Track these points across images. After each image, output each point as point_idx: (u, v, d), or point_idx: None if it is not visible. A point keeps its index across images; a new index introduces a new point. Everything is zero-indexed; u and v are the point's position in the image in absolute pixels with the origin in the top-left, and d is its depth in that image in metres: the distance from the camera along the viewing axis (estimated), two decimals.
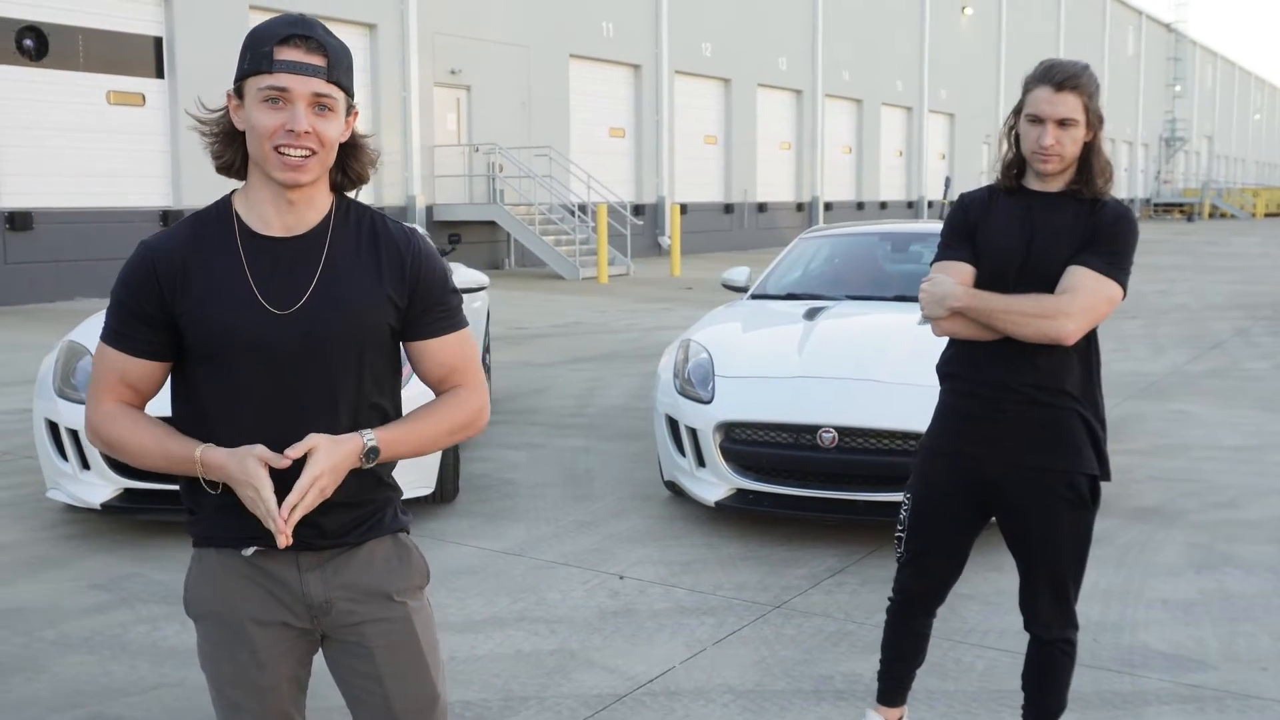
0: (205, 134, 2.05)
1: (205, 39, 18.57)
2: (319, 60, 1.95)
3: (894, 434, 5.29)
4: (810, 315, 6.44)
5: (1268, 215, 65.51)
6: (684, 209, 28.47)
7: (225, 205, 2.08)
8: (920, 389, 5.32)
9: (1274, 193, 69.29)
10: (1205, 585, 4.95)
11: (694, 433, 5.67)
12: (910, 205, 41.89)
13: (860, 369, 5.62)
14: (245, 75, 1.96)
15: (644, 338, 13.25)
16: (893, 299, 6.87)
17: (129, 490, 5.51)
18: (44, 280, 16.88)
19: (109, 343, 2.06)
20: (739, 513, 5.73)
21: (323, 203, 2.08)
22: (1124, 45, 61.08)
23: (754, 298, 7.31)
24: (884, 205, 39.85)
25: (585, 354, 11.96)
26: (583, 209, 24.14)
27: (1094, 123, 2.93)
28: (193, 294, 2.00)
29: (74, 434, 5.51)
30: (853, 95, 37.67)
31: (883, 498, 5.28)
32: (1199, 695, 3.86)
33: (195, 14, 18.51)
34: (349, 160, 2.09)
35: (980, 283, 2.99)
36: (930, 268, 3.11)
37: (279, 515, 1.92)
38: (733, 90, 31.77)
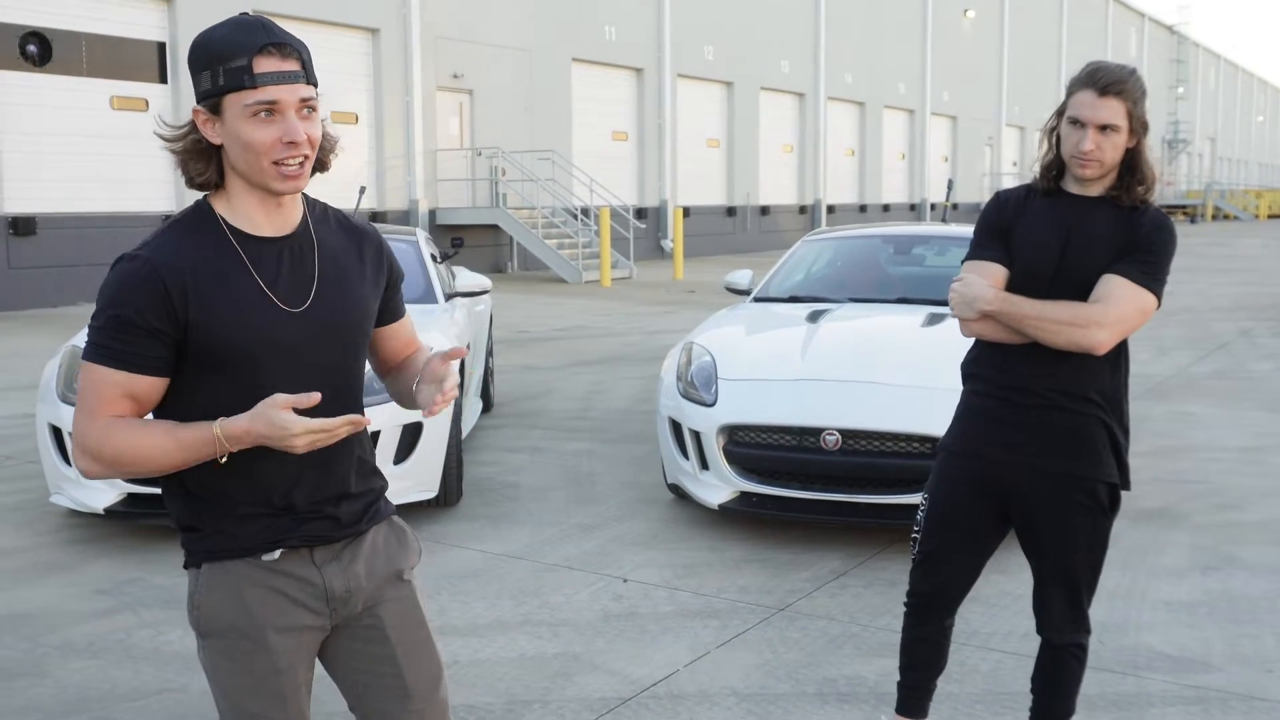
0: (176, 152, 2.01)
1: None
2: (295, 65, 1.94)
3: (897, 436, 5.28)
4: (813, 318, 6.44)
5: (1271, 217, 65.41)
6: (687, 212, 28.47)
7: (207, 210, 2.04)
8: (924, 391, 5.34)
9: (1277, 194, 69.17)
10: (1210, 587, 4.94)
11: (697, 435, 5.67)
12: (913, 208, 41.87)
13: (863, 371, 5.61)
14: (224, 91, 1.92)
15: (647, 341, 13.24)
16: (896, 301, 6.87)
17: (132, 495, 5.51)
18: (47, 285, 16.90)
19: (108, 363, 1.95)
20: (742, 515, 5.73)
21: (299, 198, 2.11)
22: (1126, 47, 61.02)
23: (757, 300, 7.30)
24: (887, 208, 39.84)
25: (588, 357, 11.96)
26: (585, 212, 24.13)
27: (1137, 129, 2.86)
28: (205, 303, 1.97)
29: None
30: (855, 98, 37.67)
31: (887, 500, 5.28)
32: (1203, 697, 3.86)
33: (198, 19, 18.50)
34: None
35: (1013, 285, 2.93)
36: (961, 266, 3.05)
37: (344, 419, 1.96)
38: (735, 93, 31.78)
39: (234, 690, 2.11)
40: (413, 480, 5.70)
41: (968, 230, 7.01)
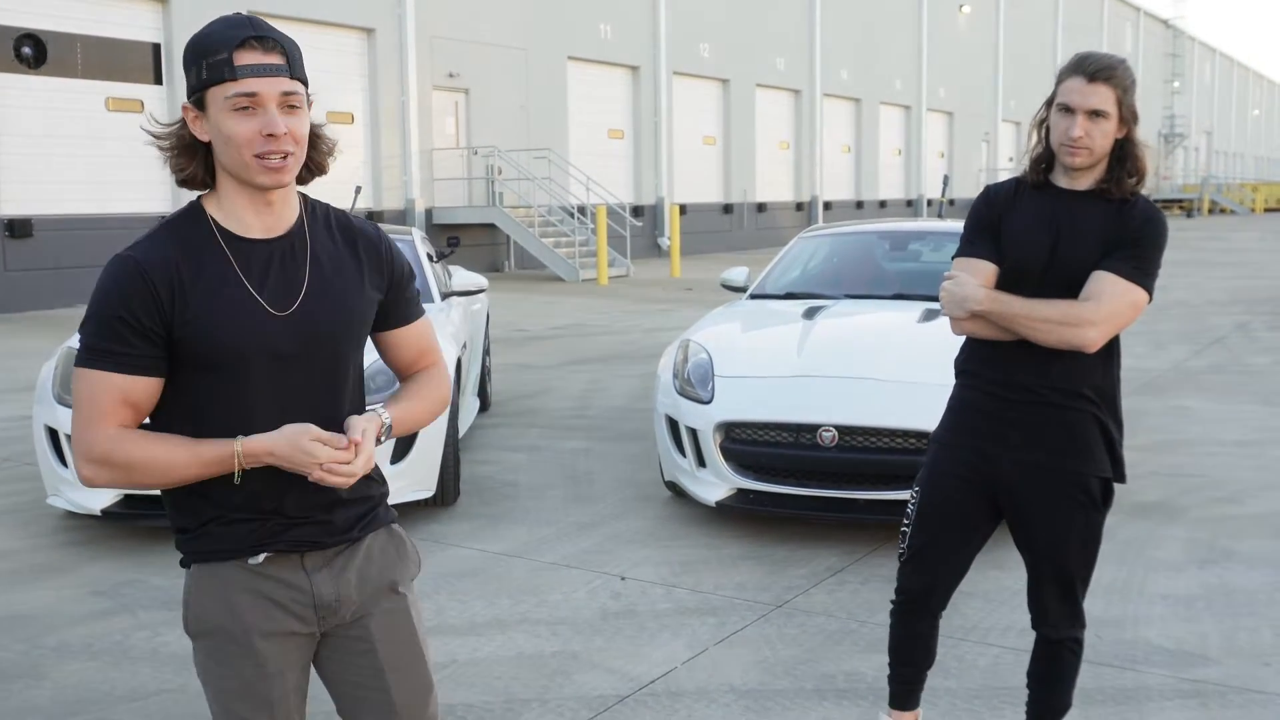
0: (163, 149, 2.02)
1: None
2: (278, 59, 1.93)
3: (894, 432, 5.28)
4: (809, 314, 6.44)
5: (1267, 210, 65.48)
6: (683, 210, 28.46)
7: (199, 211, 2.04)
8: (920, 387, 5.33)
9: (1273, 188, 69.24)
10: (1207, 580, 4.94)
11: (694, 433, 5.67)
12: (909, 204, 41.87)
13: (860, 368, 5.61)
14: (206, 85, 1.93)
15: (644, 339, 13.24)
16: (892, 297, 6.87)
17: (129, 496, 5.51)
18: (44, 287, 16.88)
19: (102, 366, 1.94)
20: (740, 512, 5.73)
21: (294, 201, 2.09)
22: (1122, 41, 61.04)
23: (753, 297, 7.30)
24: (883, 204, 39.84)
25: (585, 356, 11.95)
26: (582, 211, 24.13)
27: (1127, 118, 2.84)
28: (192, 304, 1.96)
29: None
30: (851, 94, 37.67)
31: (883, 496, 5.28)
32: (1201, 690, 3.86)
33: (193, 20, 18.48)
34: (310, 152, 2.07)
35: (1004, 281, 2.92)
36: (951, 263, 3.03)
37: (347, 447, 1.96)
38: (731, 91, 31.77)
39: (222, 693, 2.11)
40: (410, 479, 5.69)
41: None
